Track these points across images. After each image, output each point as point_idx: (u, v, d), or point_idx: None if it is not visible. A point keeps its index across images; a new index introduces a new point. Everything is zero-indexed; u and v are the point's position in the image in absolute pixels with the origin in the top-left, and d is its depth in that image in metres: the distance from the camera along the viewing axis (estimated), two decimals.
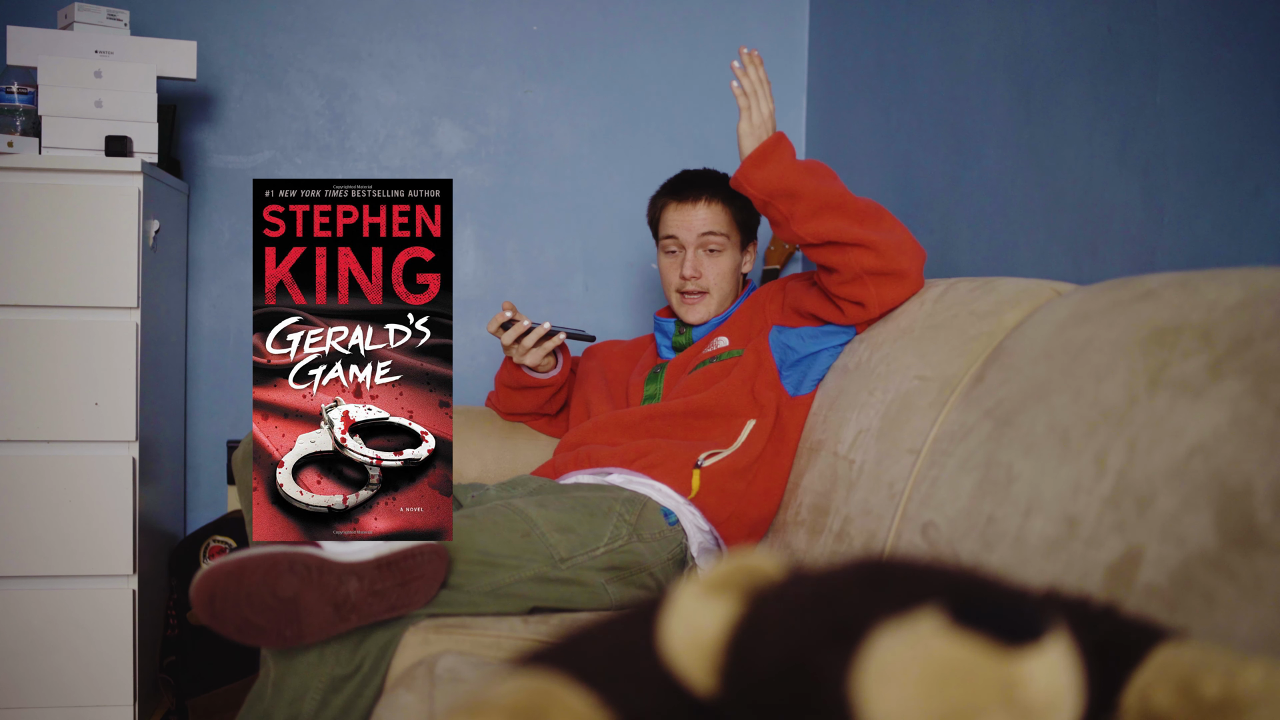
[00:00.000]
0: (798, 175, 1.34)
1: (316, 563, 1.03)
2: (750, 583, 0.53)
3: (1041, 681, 0.43)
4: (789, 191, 1.33)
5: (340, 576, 1.03)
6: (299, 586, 1.01)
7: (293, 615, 1.01)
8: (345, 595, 1.03)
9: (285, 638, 1.02)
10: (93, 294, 1.63)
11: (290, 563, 1.02)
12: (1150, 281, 0.96)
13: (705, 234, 1.61)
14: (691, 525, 1.43)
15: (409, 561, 1.08)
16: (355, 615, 1.05)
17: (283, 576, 1.01)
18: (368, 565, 1.05)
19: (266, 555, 1.02)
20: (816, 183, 1.34)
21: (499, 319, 1.59)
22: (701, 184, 1.64)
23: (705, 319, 1.64)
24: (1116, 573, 0.77)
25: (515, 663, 0.57)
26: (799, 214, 1.33)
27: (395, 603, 1.07)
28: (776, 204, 1.34)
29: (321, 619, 1.03)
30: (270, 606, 1.00)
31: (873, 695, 0.43)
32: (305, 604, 1.02)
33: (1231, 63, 1.10)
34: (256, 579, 1.00)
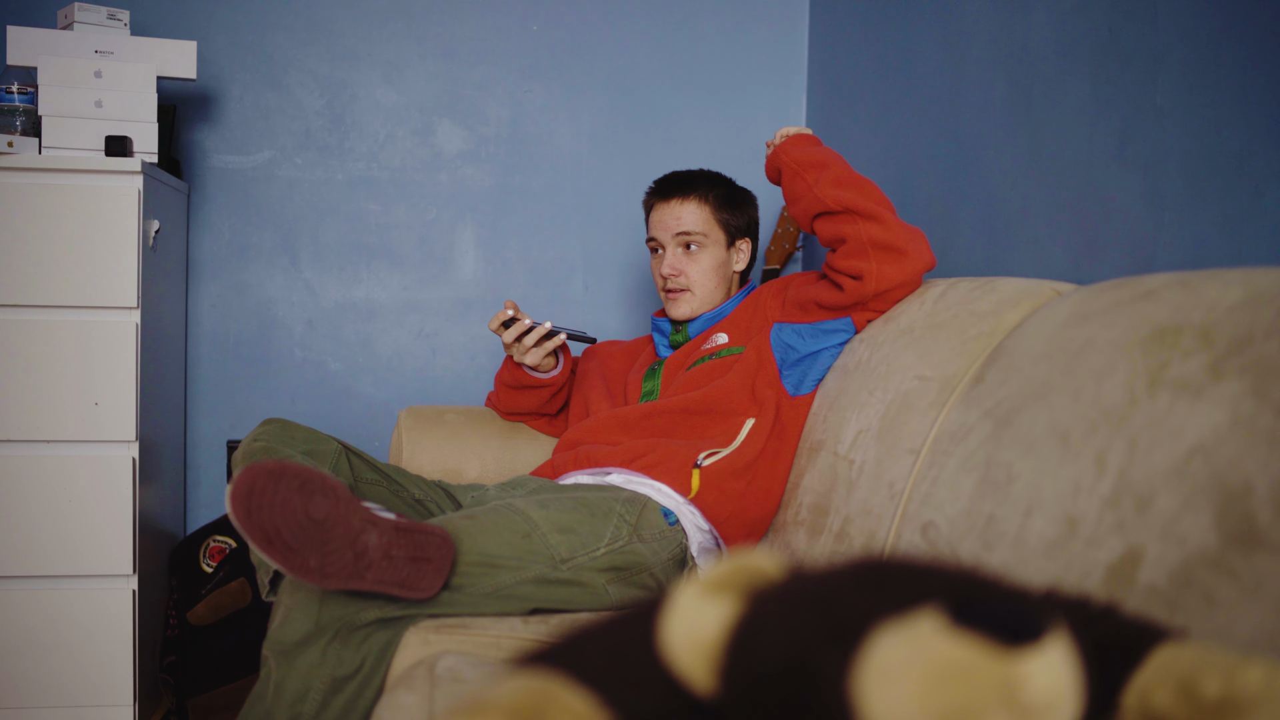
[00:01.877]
0: (830, 155, 1.46)
1: (347, 495, 1.03)
2: (750, 583, 0.53)
3: (1041, 681, 0.43)
4: (820, 163, 1.43)
5: (364, 521, 1.03)
6: (329, 510, 1.01)
7: (320, 542, 1.00)
8: (365, 545, 1.03)
9: (309, 568, 1.00)
10: (93, 294, 1.63)
11: (324, 484, 1.02)
12: (1150, 281, 0.96)
13: (680, 233, 1.64)
14: (691, 525, 1.43)
15: (420, 537, 1.08)
16: (370, 574, 1.04)
17: (315, 495, 1.00)
18: (387, 523, 1.05)
19: (305, 468, 1.01)
20: (843, 164, 1.45)
21: (500, 317, 1.59)
22: (683, 182, 1.67)
23: (691, 315, 1.65)
24: (1116, 573, 0.77)
25: (515, 663, 0.57)
26: (825, 180, 1.40)
27: (405, 578, 1.07)
28: (805, 174, 1.43)
29: (342, 561, 1.02)
30: (301, 524, 0.99)
31: (873, 695, 0.43)
32: (332, 535, 1.01)
33: (1231, 63, 1.10)
34: (294, 488, 0.99)
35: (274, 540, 0.98)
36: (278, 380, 2.15)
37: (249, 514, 0.97)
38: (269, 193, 2.14)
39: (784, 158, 1.46)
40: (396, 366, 2.19)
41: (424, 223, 2.19)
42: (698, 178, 1.68)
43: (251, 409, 2.12)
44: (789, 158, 1.46)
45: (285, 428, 1.34)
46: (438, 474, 1.75)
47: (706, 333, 1.64)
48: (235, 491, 0.97)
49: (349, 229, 2.17)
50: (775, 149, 1.49)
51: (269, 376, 2.14)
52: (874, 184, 1.42)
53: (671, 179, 1.69)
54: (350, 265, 2.17)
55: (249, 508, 0.97)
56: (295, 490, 0.99)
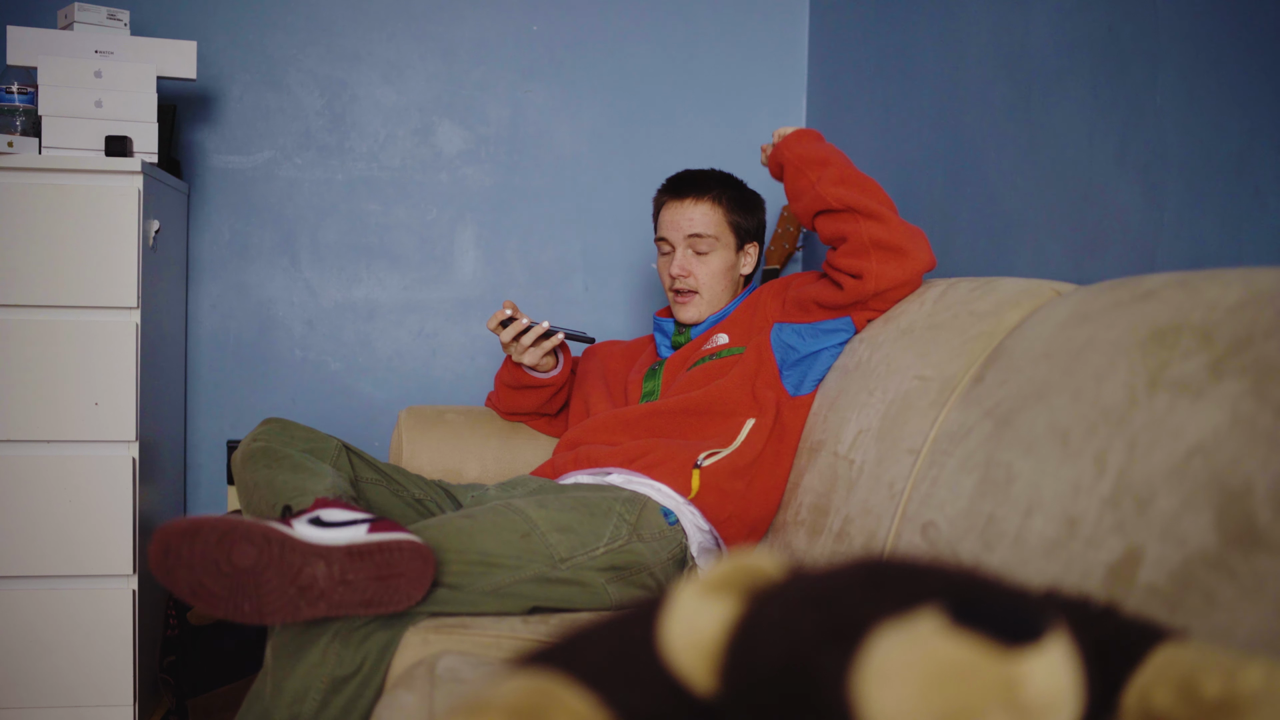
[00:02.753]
0: (833, 152, 1.45)
1: (279, 537, 1.02)
2: (750, 583, 0.53)
3: (1041, 681, 0.43)
4: (823, 160, 1.43)
5: (305, 557, 1.02)
6: (256, 557, 1.00)
7: (251, 588, 1.00)
8: (311, 578, 1.02)
9: (244, 611, 1.01)
10: (93, 294, 1.63)
11: (248, 532, 1.01)
12: (1150, 281, 0.96)
13: (692, 235, 1.63)
14: (691, 525, 1.43)
15: (385, 555, 1.06)
16: (324, 603, 1.03)
17: (238, 544, 1.00)
18: (336, 550, 1.03)
19: (224, 520, 1.01)
20: (846, 161, 1.45)
21: (499, 316, 1.59)
22: (697, 183, 1.66)
23: (699, 318, 1.65)
24: (1116, 573, 0.77)
25: (515, 663, 0.57)
26: (827, 178, 1.40)
27: (372, 597, 1.05)
28: (808, 171, 1.42)
29: (283, 599, 1.01)
30: (225, 573, 1.00)
31: (872, 695, 0.43)
32: (265, 579, 1.00)
33: (1231, 63, 1.10)
34: (211, 542, 1.00)
35: (199, 593, 1.00)
36: (278, 380, 2.15)
37: (168, 573, 0.99)
38: (269, 193, 2.14)
39: (786, 153, 1.46)
40: (396, 366, 2.19)
41: (424, 223, 2.19)
42: (711, 178, 1.67)
43: (251, 409, 2.12)
44: (791, 154, 1.45)
45: (285, 427, 1.34)
46: (438, 474, 1.75)
47: (708, 333, 1.64)
48: (151, 555, 0.99)
49: (349, 229, 2.17)
50: (777, 145, 1.48)
51: (269, 376, 2.14)
52: (876, 183, 1.41)
53: (685, 178, 1.68)
54: (350, 265, 2.17)
55: (166, 568, 0.99)
56: (213, 544, 1.00)
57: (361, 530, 1.07)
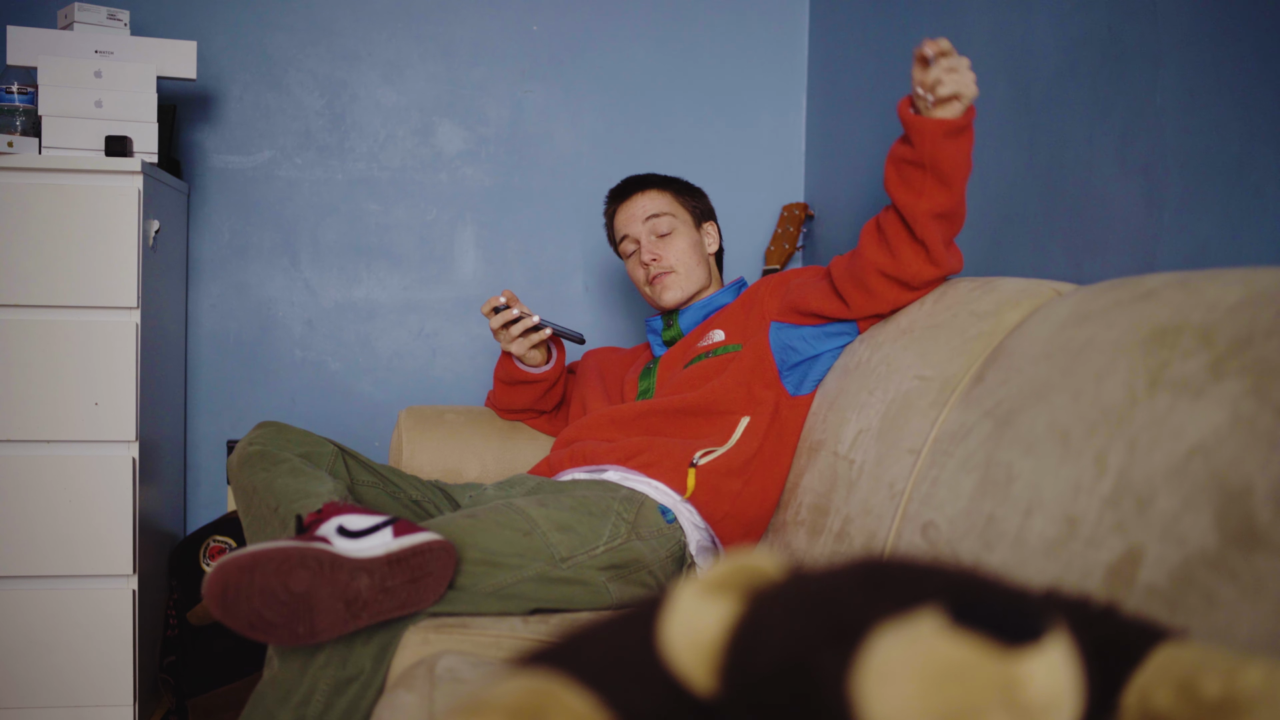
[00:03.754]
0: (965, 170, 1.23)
1: (329, 558, 1.03)
2: (750, 583, 0.53)
3: (1041, 681, 0.43)
4: (949, 179, 1.21)
5: (351, 572, 1.03)
6: (311, 581, 1.01)
7: (305, 611, 1.01)
8: (357, 592, 1.03)
9: (298, 634, 1.01)
10: (93, 294, 1.63)
11: (302, 557, 1.01)
12: (1150, 281, 0.96)
13: (650, 217, 1.68)
14: (689, 523, 1.43)
15: (419, 558, 1.08)
16: (366, 613, 1.05)
17: (295, 571, 1.01)
18: (379, 561, 1.05)
19: (279, 549, 1.01)
20: (963, 187, 1.25)
21: (493, 302, 1.61)
22: (636, 180, 1.74)
23: (682, 297, 1.67)
24: (1116, 573, 0.77)
25: (515, 663, 0.57)
26: (935, 204, 1.22)
27: (405, 600, 1.07)
28: (929, 178, 1.21)
29: (334, 616, 1.02)
30: (283, 601, 1.00)
31: (873, 695, 0.43)
32: (318, 600, 1.01)
33: (1231, 63, 1.10)
34: (269, 572, 1.00)
35: (257, 625, 1.00)
36: (278, 380, 2.15)
37: (226, 610, 0.99)
38: (269, 193, 2.14)
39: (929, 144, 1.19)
40: (396, 366, 2.19)
41: (424, 223, 2.19)
42: (647, 175, 1.75)
43: (251, 409, 2.12)
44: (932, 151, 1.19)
45: (281, 431, 1.34)
46: (438, 474, 1.75)
47: (701, 327, 1.64)
48: (210, 592, 0.98)
49: (349, 229, 2.17)
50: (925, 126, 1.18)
51: (269, 376, 2.14)
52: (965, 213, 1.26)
53: (624, 182, 1.76)
54: (350, 265, 2.17)
55: (225, 604, 0.99)
56: (271, 573, 1.00)
57: (388, 535, 1.09)
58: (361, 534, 1.08)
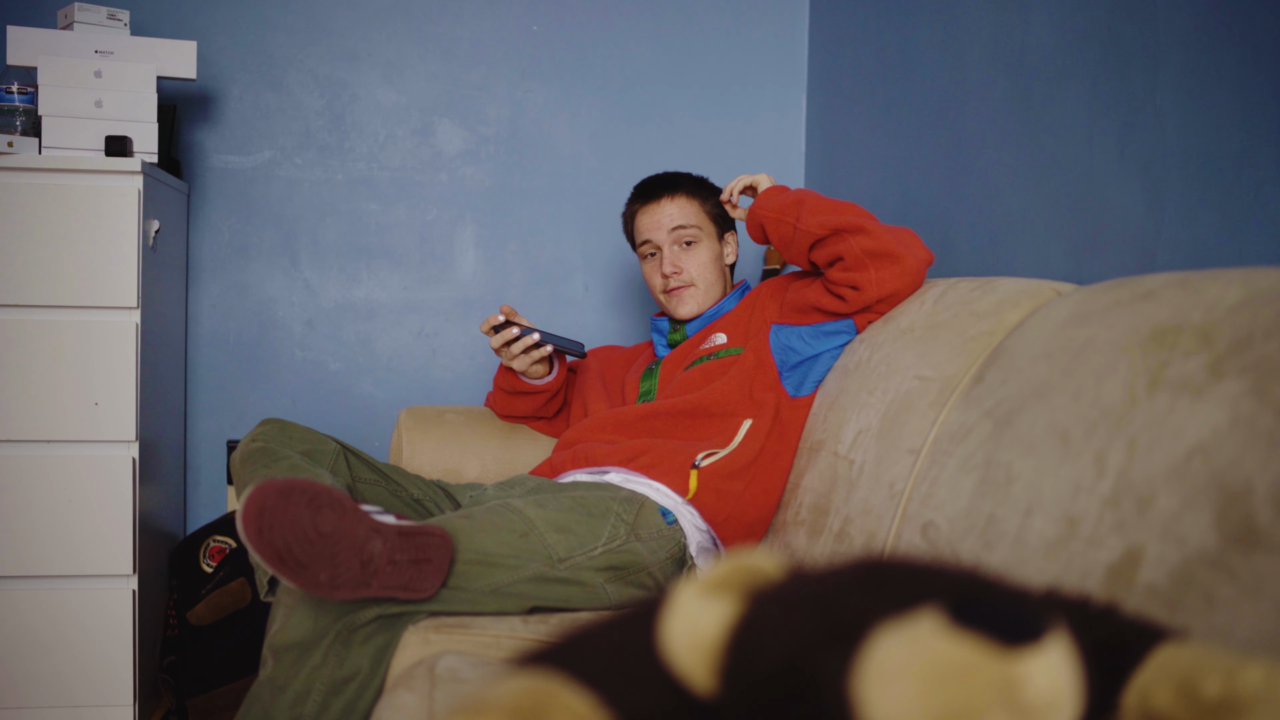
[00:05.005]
0: (801, 192, 1.48)
1: (352, 506, 1.04)
2: (750, 583, 0.53)
3: (1041, 681, 0.43)
4: (796, 202, 1.46)
5: (369, 530, 1.04)
6: (336, 523, 1.02)
7: (329, 555, 1.02)
8: (371, 554, 1.04)
9: (320, 582, 1.01)
10: (93, 294, 1.63)
11: (330, 497, 1.03)
12: (1150, 281, 0.96)
13: (676, 228, 1.65)
14: (690, 525, 1.43)
15: (422, 538, 1.09)
16: (376, 581, 1.05)
17: (324, 510, 1.01)
18: (390, 529, 1.06)
19: (311, 483, 1.02)
20: (816, 195, 1.47)
21: (491, 321, 1.60)
22: (664, 183, 1.70)
23: (697, 311, 1.66)
24: (1116, 573, 0.77)
25: (515, 663, 0.57)
26: (806, 213, 1.42)
27: (408, 581, 1.08)
28: (786, 217, 1.45)
29: (351, 572, 1.03)
30: (311, 539, 1.00)
31: (873, 695, 0.43)
32: (340, 547, 1.02)
33: (1231, 63, 1.10)
34: (302, 505, 1.01)
35: (285, 558, 1.00)
36: (278, 380, 2.15)
37: (260, 534, 0.98)
38: (269, 193, 2.14)
39: (763, 212, 1.49)
40: (396, 366, 2.19)
41: (424, 223, 2.19)
42: (678, 177, 1.71)
43: (251, 409, 2.12)
44: (766, 211, 1.49)
45: (284, 428, 1.34)
46: (438, 474, 1.75)
47: (704, 331, 1.64)
48: (246, 512, 0.98)
49: (349, 229, 2.17)
50: (752, 209, 1.52)
51: (269, 376, 2.14)
52: (851, 203, 1.45)
53: (651, 181, 1.72)
54: (350, 265, 2.17)
55: (260, 527, 0.98)
56: (304, 505, 1.00)
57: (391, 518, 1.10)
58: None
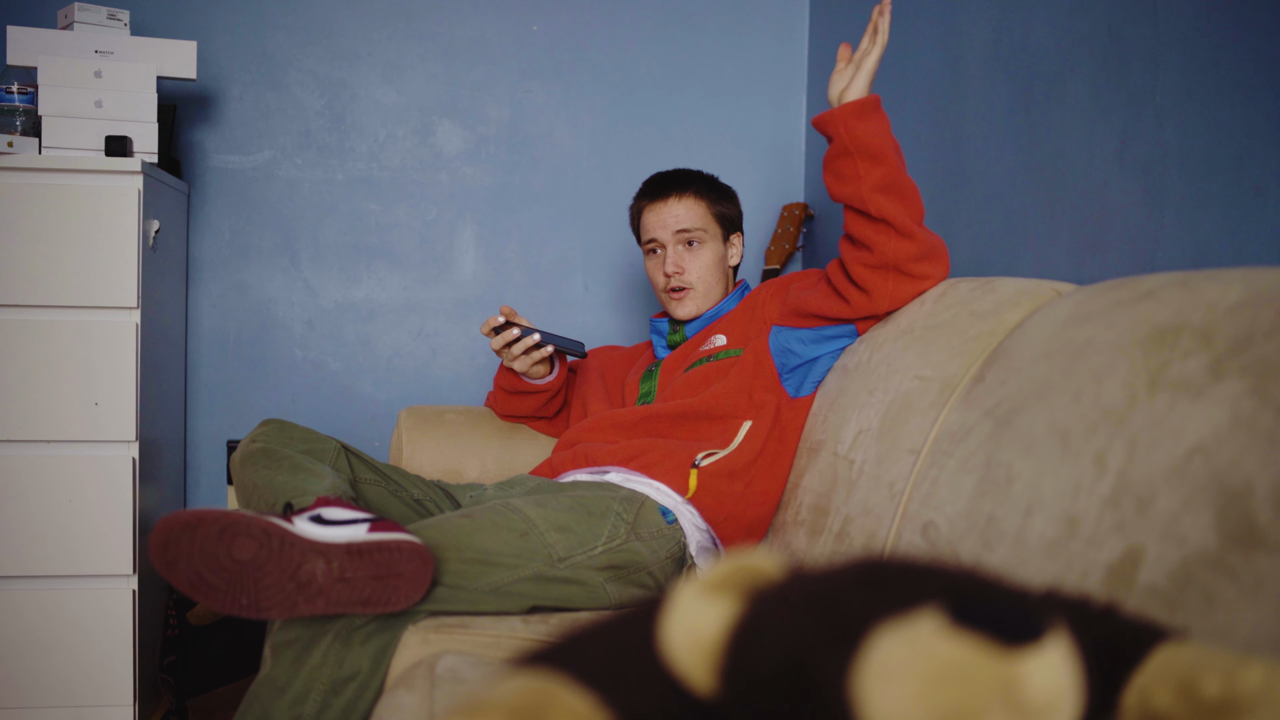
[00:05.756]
0: (890, 143, 1.32)
1: (279, 532, 1.03)
2: (750, 583, 0.53)
3: (1041, 681, 0.43)
4: (877, 154, 1.29)
5: (303, 553, 1.03)
6: (256, 551, 1.01)
7: (249, 582, 1.01)
8: (310, 574, 1.03)
9: (241, 605, 1.01)
10: (93, 294, 1.63)
11: (249, 526, 1.02)
12: (1150, 281, 0.96)
13: (681, 230, 1.65)
14: (689, 524, 1.43)
15: (385, 555, 1.06)
16: (322, 599, 1.03)
17: (239, 538, 1.01)
18: (336, 548, 1.04)
19: (225, 514, 1.02)
20: (899, 160, 1.32)
21: (491, 322, 1.60)
22: (674, 181, 1.68)
23: (695, 313, 1.66)
24: (1116, 573, 0.77)
25: (515, 663, 0.57)
26: (874, 180, 1.29)
27: (371, 596, 1.05)
28: (858, 160, 1.30)
29: (281, 594, 1.02)
30: (225, 567, 1.00)
31: (873, 695, 0.43)
32: (264, 573, 1.01)
33: (1231, 63, 1.10)
34: (212, 534, 1.00)
35: (196, 585, 1.00)
36: (278, 380, 2.15)
37: (167, 565, 1.00)
38: (269, 193, 2.14)
39: (841, 128, 1.31)
40: (396, 366, 2.19)
41: (424, 223, 2.19)
42: (688, 175, 1.69)
43: (251, 409, 2.12)
44: (847, 131, 1.30)
45: (284, 428, 1.34)
46: (438, 474, 1.75)
47: (704, 332, 1.64)
48: (152, 545, 1.00)
49: (349, 229, 2.17)
50: (834, 112, 1.32)
51: (269, 376, 2.14)
52: (916, 189, 1.33)
53: (661, 179, 1.70)
54: (350, 265, 2.17)
55: (166, 560, 1.00)
56: (214, 538, 1.00)
57: (362, 529, 1.08)
58: (335, 524, 1.08)
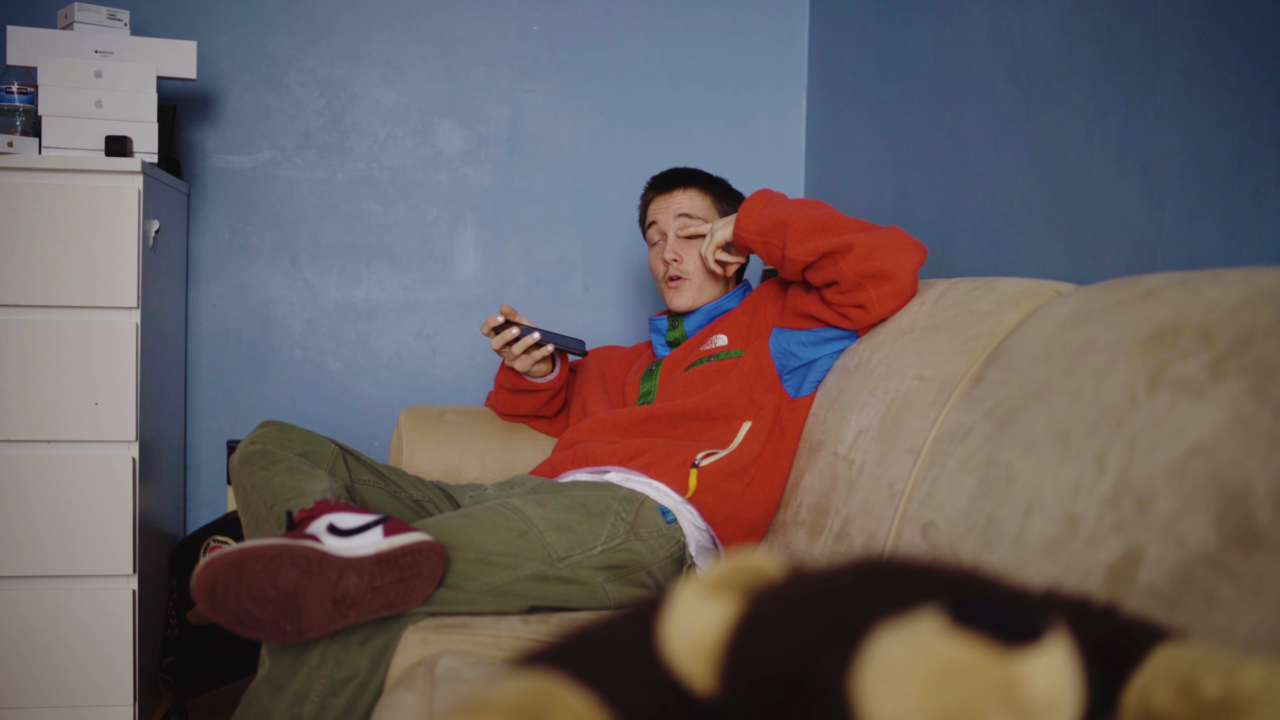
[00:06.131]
0: (783, 209, 1.44)
1: (317, 556, 1.03)
2: (750, 583, 0.53)
3: (1041, 681, 0.43)
4: (779, 223, 1.42)
5: (340, 571, 1.04)
6: (299, 579, 1.01)
7: (293, 608, 1.01)
8: (345, 590, 1.04)
9: (285, 632, 1.02)
10: (93, 294, 1.63)
11: (291, 555, 1.02)
12: (1150, 281, 0.96)
13: (681, 215, 1.68)
14: (689, 524, 1.43)
15: (408, 558, 1.08)
16: (354, 611, 1.05)
17: (283, 569, 1.01)
18: (367, 560, 1.05)
19: (268, 546, 1.02)
20: (803, 210, 1.43)
21: (491, 322, 1.60)
22: (680, 175, 1.73)
23: (692, 305, 1.66)
24: (1116, 573, 0.77)
25: (515, 663, 0.57)
26: (791, 239, 1.40)
27: (394, 599, 1.07)
28: (772, 239, 1.43)
29: (322, 614, 1.03)
30: (271, 599, 1.00)
31: (873, 695, 0.43)
32: (306, 598, 1.02)
33: (1231, 63, 1.10)
34: (258, 570, 1.00)
35: (246, 621, 1.01)
36: (278, 380, 2.15)
37: (215, 607, 1.00)
38: (269, 193, 2.14)
39: (746, 235, 1.47)
40: (396, 366, 2.19)
41: (424, 223, 2.19)
42: (695, 172, 1.74)
43: (251, 409, 2.12)
44: (751, 234, 1.46)
45: (282, 430, 1.34)
46: (438, 474, 1.75)
47: (705, 331, 1.64)
48: (199, 590, 0.99)
49: (349, 229, 2.17)
50: (736, 232, 1.49)
51: (269, 376, 2.14)
52: (832, 211, 1.42)
53: (669, 173, 1.74)
54: (350, 265, 2.17)
55: (214, 601, 0.99)
56: (260, 572, 1.00)
57: (378, 534, 1.09)
58: (351, 532, 1.08)
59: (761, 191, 1.51)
